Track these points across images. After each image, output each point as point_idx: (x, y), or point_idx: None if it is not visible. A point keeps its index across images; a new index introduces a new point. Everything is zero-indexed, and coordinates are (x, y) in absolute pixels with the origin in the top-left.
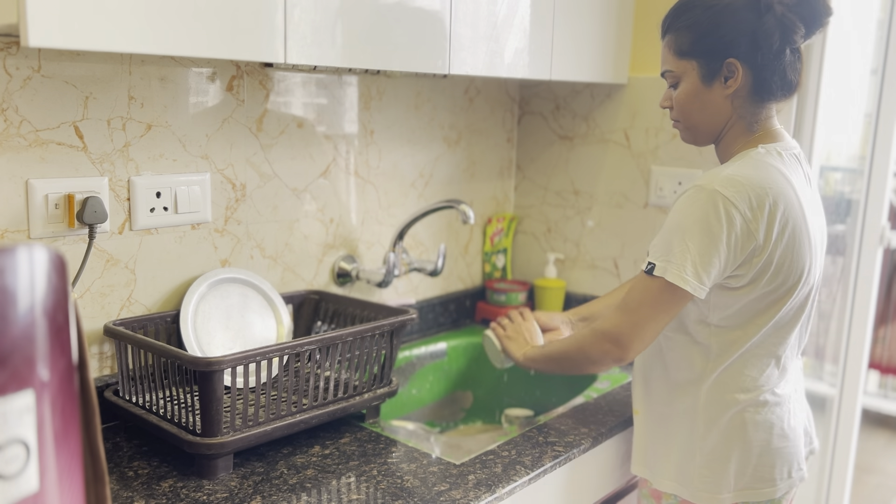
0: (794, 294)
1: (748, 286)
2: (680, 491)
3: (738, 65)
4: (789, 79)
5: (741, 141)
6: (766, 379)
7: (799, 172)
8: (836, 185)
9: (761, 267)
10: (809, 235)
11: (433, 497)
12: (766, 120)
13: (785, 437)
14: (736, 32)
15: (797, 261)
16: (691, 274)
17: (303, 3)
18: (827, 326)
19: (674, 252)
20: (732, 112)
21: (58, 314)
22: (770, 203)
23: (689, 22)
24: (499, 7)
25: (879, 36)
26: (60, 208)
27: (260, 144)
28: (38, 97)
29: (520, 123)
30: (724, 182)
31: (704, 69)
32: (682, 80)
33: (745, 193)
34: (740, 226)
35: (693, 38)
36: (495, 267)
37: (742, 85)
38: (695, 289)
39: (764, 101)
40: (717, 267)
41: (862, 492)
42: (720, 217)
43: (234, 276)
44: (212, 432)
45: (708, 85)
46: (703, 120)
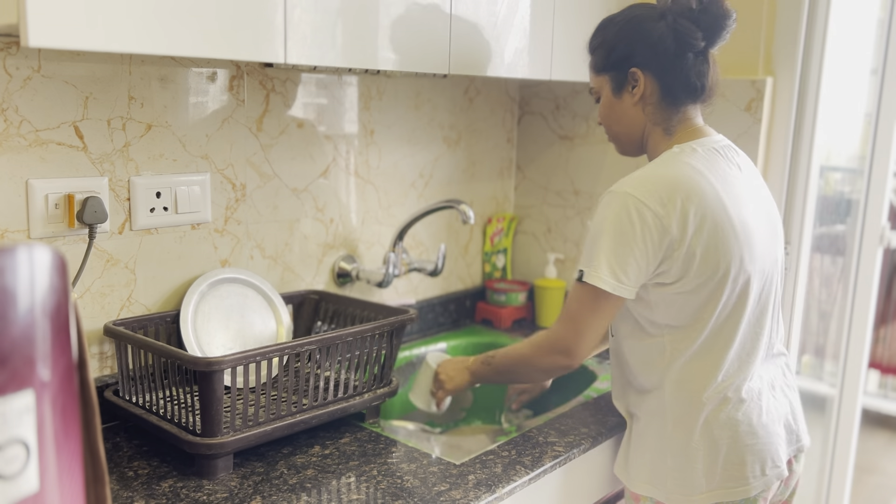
0: (728, 285)
1: (679, 282)
2: (654, 493)
3: (640, 73)
4: (693, 83)
5: (662, 146)
6: (727, 375)
7: (720, 164)
8: (836, 185)
9: (683, 260)
10: (734, 225)
11: (433, 497)
12: (682, 122)
13: (754, 434)
14: (635, 43)
15: (722, 251)
16: (609, 275)
17: (303, 3)
18: (827, 326)
19: (592, 257)
20: (646, 119)
21: (58, 314)
22: (682, 198)
23: (601, 40)
24: (499, 7)
25: (879, 36)
26: (60, 208)
27: (260, 144)
28: (38, 97)
29: (520, 123)
30: (634, 184)
31: (614, 82)
32: (601, 95)
33: (654, 192)
34: (653, 223)
35: (604, 55)
36: (495, 267)
37: (649, 92)
38: (615, 288)
39: (673, 106)
40: (634, 266)
41: (862, 492)
42: (632, 217)
43: (234, 276)
44: (212, 432)
45: (618, 96)
46: (622, 130)
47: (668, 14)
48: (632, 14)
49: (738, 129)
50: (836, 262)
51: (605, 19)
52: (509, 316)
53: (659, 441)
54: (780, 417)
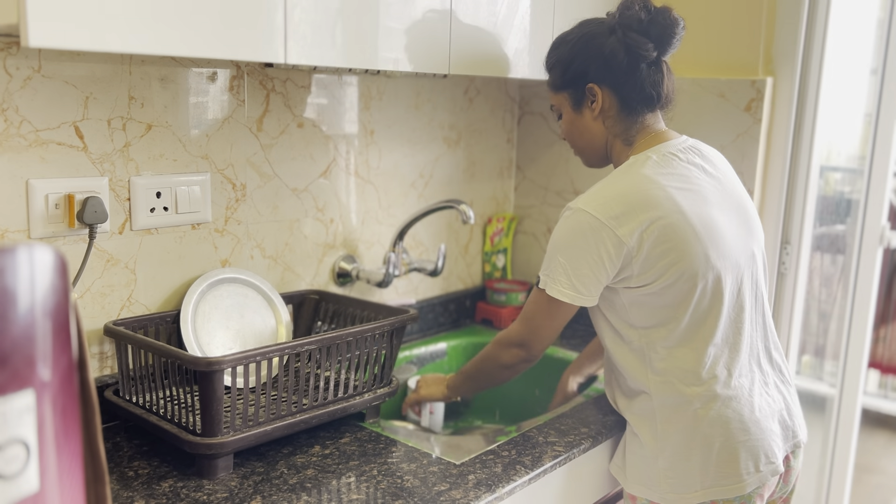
0: (699, 283)
1: (647, 285)
2: (649, 494)
3: (597, 88)
4: (648, 92)
5: (623, 156)
6: (711, 372)
7: (676, 168)
8: (836, 185)
9: (643, 265)
10: (693, 225)
11: (433, 497)
12: (641, 131)
13: (746, 430)
14: (590, 59)
15: (683, 252)
16: (566, 286)
17: (303, 3)
18: (827, 326)
19: (551, 269)
20: (606, 132)
21: (58, 314)
22: (634, 209)
23: (556, 59)
24: (499, 7)
25: (879, 36)
26: (60, 208)
27: (260, 144)
28: (38, 97)
29: (520, 123)
30: (588, 200)
31: (572, 98)
32: (562, 111)
33: (607, 206)
34: (607, 235)
35: (560, 73)
36: (495, 267)
37: (607, 105)
38: (573, 298)
39: (632, 116)
40: (591, 276)
41: (862, 492)
42: (585, 232)
43: (234, 276)
44: (212, 432)
45: (579, 112)
46: (585, 144)
47: (617, 28)
48: (583, 31)
49: (738, 129)
50: (836, 262)
51: (557, 38)
52: (509, 316)
53: (651, 442)
54: (773, 413)
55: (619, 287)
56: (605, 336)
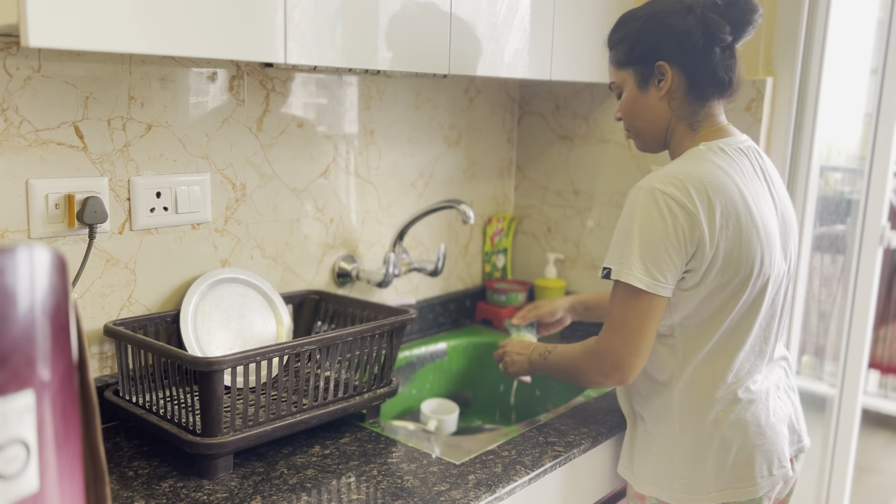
0: (749, 287)
1: (701, 282)
2: (660, 493)
3: (668, 66)
4: (720, 77)
5: (686, 142)
6: (737, 376)
7: (746, 166)
8: (836, 185)
9: (711, 259)
10: (758, 227)
11: (433, 497)
12: (708, 118)
13: (762, 434)
14: (662, 37)
15: (746, 253)
16: (643, 272)
17: (303, 3)
18: (827, 326)
19: (624, 254)
20: (671, 113)
21: (58, 314)
22: (709, 195)
23: (623, 34)
24: (499, 7)
25: (879, 36)
26: (60, 208)
27: (260, 144)
28: (38, 97)
29: (520, 123)
30: (662, 179)
31: (639, 76)
32: (624, 89)
33: (682, 187)
34: (683, 218)
35: (627, 49)
36: (495, 267)
37: (675, 86)
38: (649, 286)
39: (700, 100)
40: (668, 262)
41: (862, 492)
42: (662, 212)
43: (234, 276)
44: (212, 432)
45: (644, 90)
46: (645, 125)
47: (696, 7)
48: (655, 8)
49: (738, 129)
50: (836, 262)
51: (625, 14)
52: (509, 316)
53: (666, 441)
54: (784, 418)
55: None
56: None
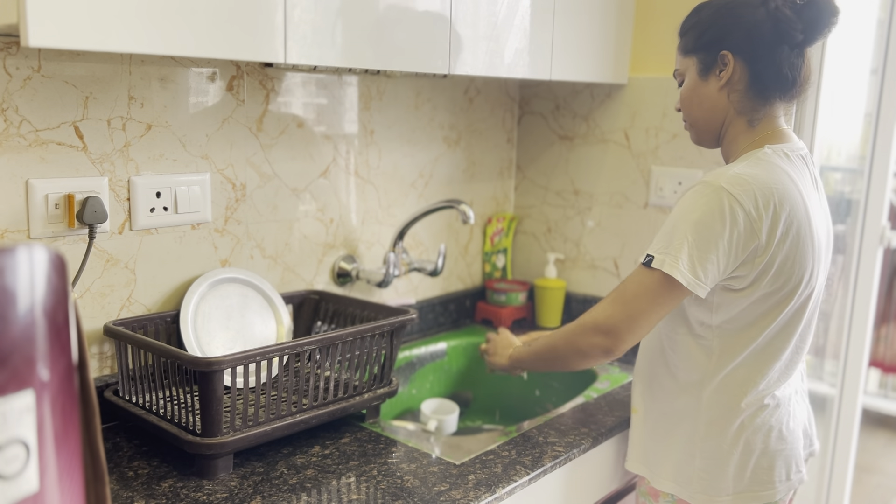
0: (796, 297)
1: (750, 287)
2: (678, 491)
3: (731, 56)
4: (785, 74)
5: (744, 140)
6: (769, 382)
7: (805, 175)
8: (836, 185)
9: (763, 268)
10: (813, 239)
11: (433, 497)
12: (768, 119)
13: (783, 439)
14: (730, 26)
15: (799, 263)
16: (687, 268)
17: (303, 3)
18: (827, 326)
19: (673, 245)
20: (729, 106)
21: (58, 314)
22: (775, 203)
23: (695, 21)
24: (499, 7)
25: (879, 36)
26: (60, 208)
27: (260, 144)
28: (38, 97)
29: (520, 123)
30: (731, 180)
31: (701, 63)
32: (686, 77)
33: (751, 192)
34: (744, 224)
35: (695, 36)
36: (495, 267)
37: (737, 78)
38: (689, 283)
39: (761, 97)
40: (715, 264)
41: (862, 492)
42: (724, 214)
43: (234, 276)
44: (212, 432)
45: (704, 78)
46: (701, 115)
47: (771, 1)
48: None
49: None
50: (836, 263)
51: (700, 3)
52: (509, 316)
53: (689, 441)
54: (801, 423)
55: (718, 285)
56: (672, 328)
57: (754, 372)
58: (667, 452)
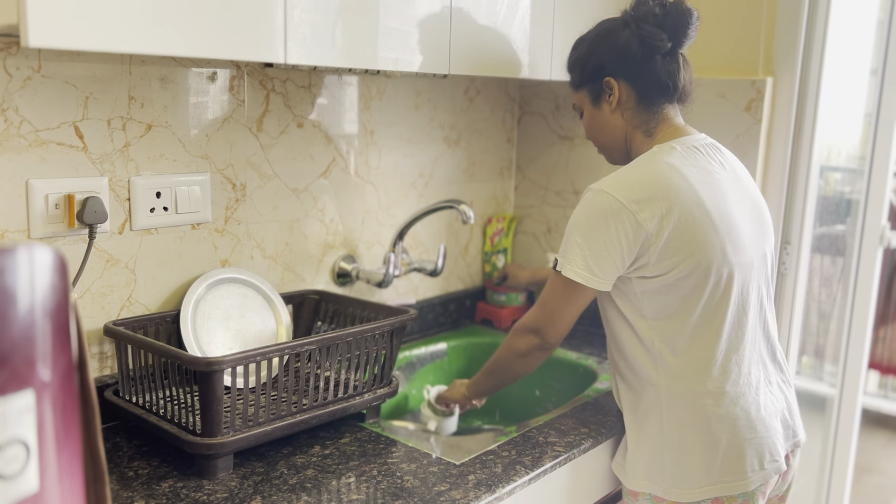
0: (711, 277)
1: (662, 275)
2: (652, 489)
3: (613, 81)
4: (664, 82)
5: (644, 148)
6: (721, 370)
7: (701, 161)
8: (836, 185)
9: (660, 254)
10: (713, 219)
11: (433, 497)
12: (663, 123)
13: (752, 428)
14: (605, 53)
15: (701, 245)
16: (583, 268)
17: (303, 3)
18: (827, 326)
19: (568, 249)
20: (625, 124)
21: (58, 314)
22: (657, 195)
23: (575, 58)
24: (499, 7)
25: (879, 36)
26: (60, 208)
27: (260, 144)
28: (38, 97)
29: (520, 123)
30: (611, 183)
31: (592, 94)
32: (583, 109)
33: (630, 190)
34: (628, 220)
35: (580, 71)
36: (495, 267)
37: (625, 98)
38: (586, 280)
39: (650, 108)
40: (609, 259)
41: (862, 492)
42: (605, 213)
43: (234, 276)
44: (212, 432)
45: (597, 106)
46: (605, 139)
47: (630, 22)
48: (599, 28)
49: (738, 130)
50: (836, 262)
51: (578, 38)
52: (509, 316)
53: (656, 436)
54: (776, 412)
55: (633, 276)
56: (616, 327)
57: (701, 359)
58: (638, 451)
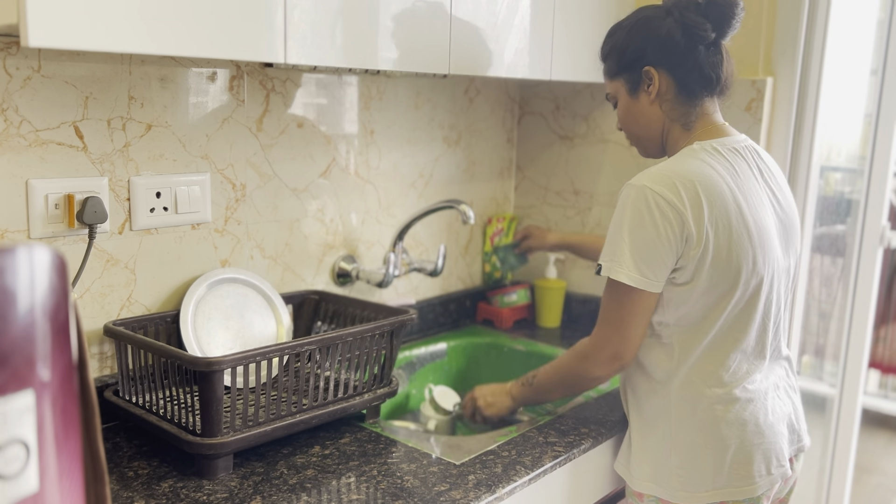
0: (740, 286)
1: (692, 281)
2: (658, 492)
3: (654, 71)
4: (707, 74)
5: (682, 143)
6: (734, 375)
7: (740, 166)
8: (836, 185)
9: (699, 258)
10: (749, 227)
11: (433, 497)
12: (702, 118)
13: (761, 433)
14: (645, 42)
15: (735, 252)
16: (633, 269)
17: (303, 3)
18: (827, 326)
19: (615, 252)
20: (664, 116)
21: (58, 314)
22: (699, 194)
23: (611, 46)
24: (499, 7)
25: (879, 36)
26: (60, 208)
27: (260, 144)
28: (38, 97)
29: (520, 123)
30: (652, 178)
31: (629, 83)
32: (618, 99)
33: (671, 185)
34: (673, 217)
35: (616, 59)
36: (495, 267)
37: (664, 89)
38: (638, 282)
39: (690, 100)
40: (659, 259)
41: (862, 492)
42: (651, 210)
43: (234, 276)
44: (212, 432)
45: (635, 97)
46: (641, 131)
47: (674, 10)
48: (639, 16)
49: (739, 129)
50: (836, 262)
51: (613, 26)
52: (509, 316)
53: (664, 439)
54: (783, 417)
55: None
56: None
57: (715, 365)
58: (644, 453)
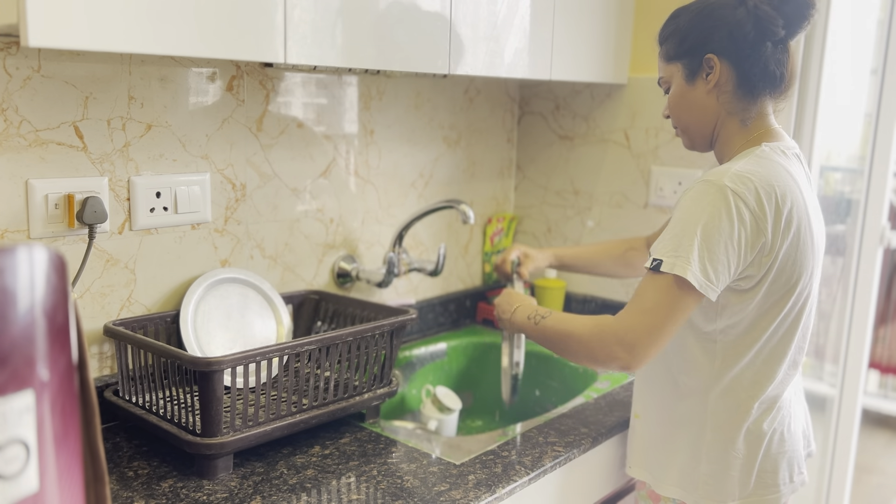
0: (794, 298)
1: (755, 287)
2: (683, 496)
3: (716, 59)
4: (772, 71)
5: (738, 139)
6: (778, 386)
7: (801, 173)
8: (836, 185)
9: (769, 266)
10: (813, 237)
11: (433, 497)
12: (760, 117)
13: (784, 441)
14: (712, 29)
15: (800, 262)
16: (699, 270)
17: (303, 3)
18: (827, 326)
19: (682, 247)
20: (719, 108)
21: (58, 314)
22: (778, 200)
23: (674, 28)
24: (499, 7)
25: (879, 36)
26: (60, 208)
27: (260, 144)
28: (38, 97)
29: (520, 123)
30: (734, 177)
31: (687, 69)
32: (672, 84)
33: (753, 189)
34: (750, 222)
35: (677, 42)
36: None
37: (725, 79)
38: (701, 285)
39: (750, 96)
40: (725, 265)
41: (862, 492)
42: (731, 213)
43: (234, 276)
44: (212, 432)
45: (691, 83)
46: (693, 120)
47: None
48: (707, 1)
49: None
50: (836, 262)
51: (677, 9)
52: None
53: (694, 445)
54: (800, 424)
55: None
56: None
57: (761, 375)
58: (670, 458)
